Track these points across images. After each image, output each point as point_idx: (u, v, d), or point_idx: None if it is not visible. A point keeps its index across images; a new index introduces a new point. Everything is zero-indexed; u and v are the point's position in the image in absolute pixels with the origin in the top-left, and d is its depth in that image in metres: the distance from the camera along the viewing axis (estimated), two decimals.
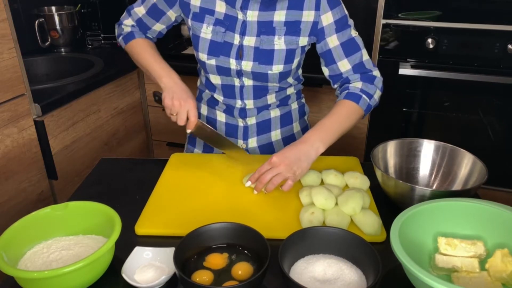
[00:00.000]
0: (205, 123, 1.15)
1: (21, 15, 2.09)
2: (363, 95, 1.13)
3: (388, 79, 1.83)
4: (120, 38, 1.27)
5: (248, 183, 1.04)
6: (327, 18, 1.11)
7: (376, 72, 1.18)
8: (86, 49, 2.30)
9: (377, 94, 1.16)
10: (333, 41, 1.13)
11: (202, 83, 1.28)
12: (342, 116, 1.11)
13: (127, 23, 1.26)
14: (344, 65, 1.15)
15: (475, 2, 1.66)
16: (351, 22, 1.15)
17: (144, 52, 1.22)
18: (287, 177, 1.01)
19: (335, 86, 1.21)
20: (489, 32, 1.66)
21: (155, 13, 1.21)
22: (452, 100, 1.82)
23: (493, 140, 1.82)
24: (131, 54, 1.27)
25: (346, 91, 1.15)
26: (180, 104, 1.11)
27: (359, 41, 1.15)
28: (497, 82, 1.72)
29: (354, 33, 1.15)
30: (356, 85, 1.15)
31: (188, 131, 1.14)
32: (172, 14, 1.20)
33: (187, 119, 1.12)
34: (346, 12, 1.15)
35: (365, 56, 1.16)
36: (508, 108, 1.75)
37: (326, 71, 1.19)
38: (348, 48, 1.14)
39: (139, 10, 1.23)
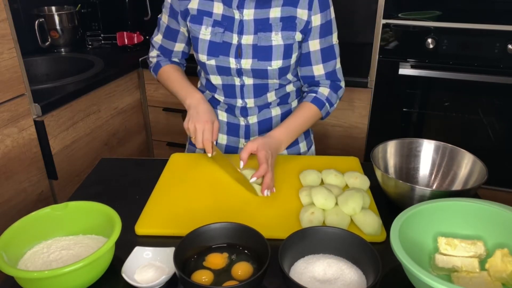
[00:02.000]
0: (221, 152, 1.13)
1: (21, 15, 2.09)
2: (327, 103, 1.22)
3: (388, 79, 1.85)
4: (151, 71, 1.33)
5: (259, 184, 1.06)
6: (316, 20, 1.14)
7: (343, 83, 1.26)
8: (86, 49, 2.30)
9: (337, 103, 1.26)
10: (314, 45, 1.18)
11: (203, 84, 1.29)
12: (305, 118, 1.20)
13: (153, 55, 1.32)
14: (319, 70, 1.21)
15: (475, 2, 1.66)
16: (335, 28, 1.19)
17: (170, 78, 1.26)
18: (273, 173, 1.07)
19: (304, 85, 1.26)
20: (489, 32, 1.66)
21: (170, 34, 1.25)
22: (452, 100, 1.82)
23: (493, 140, 1.82)
24: (162, 84, 1.31)
25: (314, 94, 1.21)
26: (195, 127, 1.13)
27: (337, 49, 1.22)
28: (497, 82, 1.71)
29: (335, 40, 1.20)
30: (324, 91, 1.22)
31: (209, 155, 1.14)
32: (184, 29, 1.23)
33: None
34: (333, 16, 1.18)
35: (338, 65, 1.24)
36: (508, 108, 1.75)
37: (299, 71, 1.24)
38: (326, 54, 1.20)
39: (158, 38, 1.29)
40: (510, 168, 1.83)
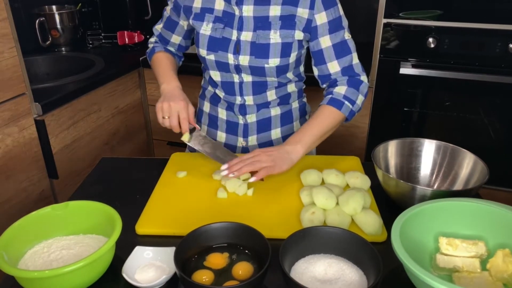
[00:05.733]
0: (201, 130, 1.12)
1: (21, 14, 2.09)
2: (346, 102, 1.14)
3: (389, 78, 1.84)
4: (147, 55, 1.36)
5: (224, 168, 1.04)
6: (321, 18, 1.13)
7: (364, 78, 1.19)
8: (87, 48, 2.30)
9: (360, 100, 1.17)
10: (325, 41, 1.15)
11: (206, 80, 1.30)
12: (323, 122, 1.13)
13: (151, 41, 1.37)
14: (334, 67, 1.17)
15: (476, 1, 1.65)
16: (345, 23, 1.16)
17: (158, 63, 1.28)
18: (264, 166, 1.02)
19: (324, 86, 1.23)
20: (490, 31, 1.66)
21: (170, 25, 1.29)
22: (453, 99, 1.82)
23: (494, 140, 1.81)
24: (152, 68, 1.32)
25: (330, 96, 1.16)
26: (169, 105, 1.10)
27: (351, 44, 1.17)
28: (498, 82, 1.71)
29: (347, 35, 1.16)
30: (340, 90, 1.15)
31: (185, 138, 1.11)
32: (184, 23, 1.26)
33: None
34: (342, 13, 1.15)
35: (355, 60, 1.17)
36: (509, 108, 1.75)
37: (315, 70, 1.21)
38: (340, 50, 1.15)
39: (159, 26, 1.33)
40: (511, 168, 1.83)
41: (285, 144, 1.09)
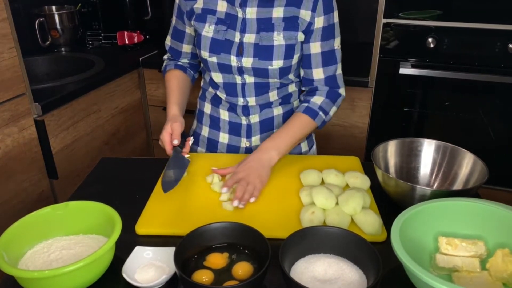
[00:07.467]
0: (177, 153, 1.12)
1: (21, 15, 2.09)
2: (320, 112, 1.18)
3: (388, 78, 1.85)
4: (162, 74, 1.35)
5: (224, 196, 1.03)
6: (319, 22, 1.14)
7: (342, 90, 1.23)
8: (87, 48, 2.30)
9: (333, 111, 1.22)
10: (315, 47, 1.16)
11: (206, 81, 1.29)
12: (298, 129, 1.17)
13: (164, 57, 1.35)
14: (318, 73, 1.19)
15: (475, 1, 1.66)
16: (337, 32, 1.18)
17: (166, 86, 1.29)
18: (254, 186, 1.03)
19: (303, 88, 1.25)
20: (490, 31, 1.66)
21: (177, 35, 1.27)
22: (452, 99, 1.82)
23: (494, 140, 1.81)
24: None
25: (306, 104, 1.19)
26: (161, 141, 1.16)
27: (339, 55, 1.20)
28: (497, 82, 1.71)
29: (336, 45, 1.19)
30: (317, 101, 1.19)
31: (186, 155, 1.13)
32: (190, 30, 1.24)
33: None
34: (336, 20, 1.17)
35: (339, 71, 1.21)
36: (509, 108, 1.75)
37: (301, 71, 1.23)
38: (327, 58, 1.18)
39: (168, 40, 1.32)
40: (511, 168, 1.83)
41: (262, 151, 1.10)
